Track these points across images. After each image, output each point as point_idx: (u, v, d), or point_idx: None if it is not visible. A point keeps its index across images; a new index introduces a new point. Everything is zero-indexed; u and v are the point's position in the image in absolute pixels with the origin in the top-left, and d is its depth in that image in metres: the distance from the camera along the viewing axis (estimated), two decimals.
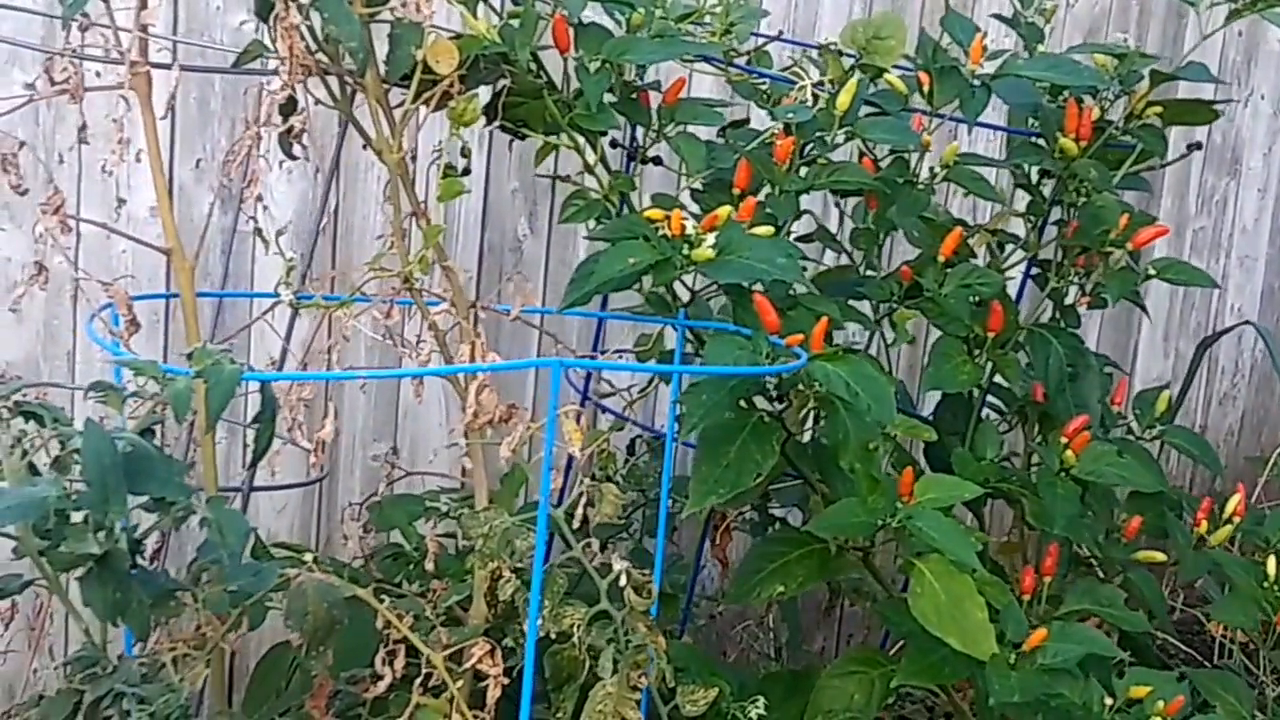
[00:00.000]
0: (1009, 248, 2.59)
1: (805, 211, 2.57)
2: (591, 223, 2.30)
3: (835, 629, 3.57)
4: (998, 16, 2.66)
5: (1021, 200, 2.57)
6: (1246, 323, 4.14)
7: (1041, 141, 2.48)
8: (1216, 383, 4.31)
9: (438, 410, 3.00)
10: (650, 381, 2.73)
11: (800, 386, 2.15)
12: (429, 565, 2.28)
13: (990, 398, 2.61)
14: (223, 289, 2.71)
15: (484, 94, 2.22)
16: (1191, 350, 4.21)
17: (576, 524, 2.08)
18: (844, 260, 2.62)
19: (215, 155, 2.72)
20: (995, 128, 3.19)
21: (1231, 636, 3.37)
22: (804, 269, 2.65)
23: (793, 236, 2.55)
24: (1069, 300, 2.58)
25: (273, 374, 2.32)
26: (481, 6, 2.17)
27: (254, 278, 2.79)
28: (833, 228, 2.77)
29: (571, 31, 2.20)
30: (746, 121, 2.65)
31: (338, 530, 2.78)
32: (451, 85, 2.10)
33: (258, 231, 2.21)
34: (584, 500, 2.08)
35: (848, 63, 2.50)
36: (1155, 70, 2.40)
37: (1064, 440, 2.37)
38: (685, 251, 2.12)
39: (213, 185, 2.71)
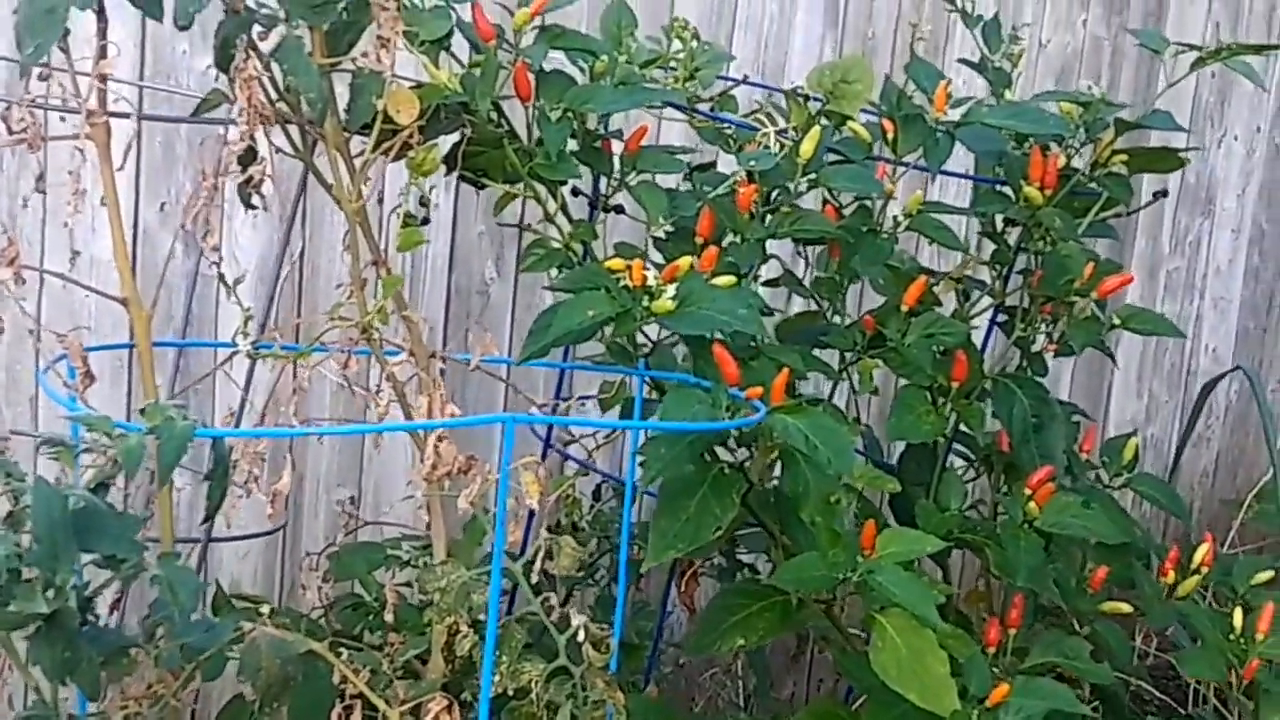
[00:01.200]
0: (976, 295, 2.58)
1: (772, 256, 2.57)
2: (555, 271, 2.29)
3: (805, 675, 3.56)
4: (965, 61, 2.66)
5: (989, 248, 2.56)
6: (1237, 368, 4.12)
7: (1008, 190, 2.47)
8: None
9: (403, 455, 2.99)
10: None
11: (762, 438, 2.14)
12: (388, 617, 2.26)
13: (959, 446, 2.60)
14: (185, 335, 2.70)
15: (445, 142, 2.21)
16: (1165, 392, 4.21)
17: (535, 577, 2.06)
18: (811, 307, 2.61)
19: (180, 198, 2.72)
20: (960, 175, 3.19)
21: (1206, 683, 3.35)
22: (771, 314, 2.67)
23: (759, 282, 2.54)
24: (1036, 348, 2.57)
25: (225, 430, 2.30)
26: (443, 55, 2.16)
27: (219, 323, 2.77)
28: (801, 272, 2.77)
29: (533, 80, 2.19)
30: (714, 165, 2.64)
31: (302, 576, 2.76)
32: (411, 135, 2.09)
33: (221, 279, 2.20)
34: (542, 553, 2.06)
35: (815, 107, 2.49)
36: (1120, 119, 2.39)
37: (1028, 491, 2.36)
38: (645, 303, 2.10)
39: (176, 229, 2.69)
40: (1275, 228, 4.37)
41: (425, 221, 2.21)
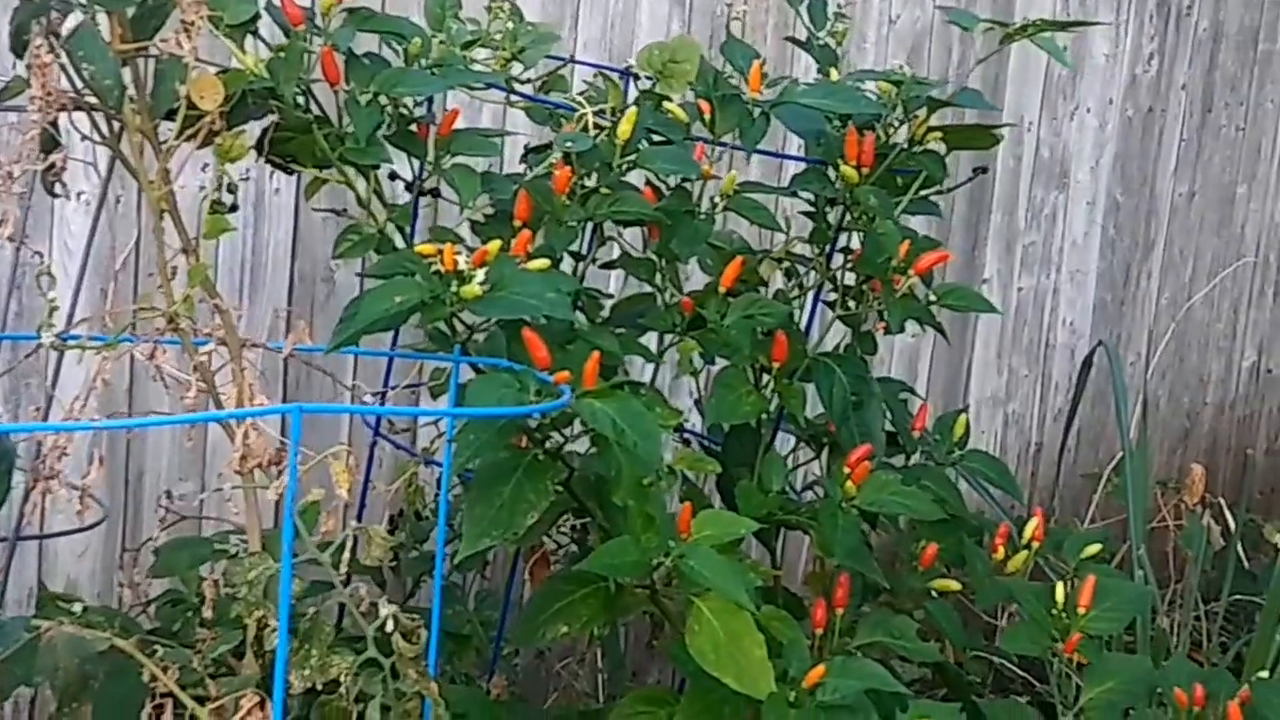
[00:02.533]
0: (804, 272, 2.58)
1: (610, 238, 2.55)
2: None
3: (669, 662, 3.54)
4: (792, 39, 2.65)
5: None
6: (1100, 344, 4.15)
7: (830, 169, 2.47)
8: (1051, 399, 4.33)
9: None
10: None
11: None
12: (207, 612, 2.22)
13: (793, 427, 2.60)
14: (5, 328, 2.64)
15: (256, 128, 2.18)
16: (1024, 366, 4.24)
17: (345, 567, 2.04)
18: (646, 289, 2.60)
19: None
20: (772, 154, 3.19)
21: None
22: (610, 297, 2.66)
23: (597, 264, 2.53)
24: (868, 326, 2.57)
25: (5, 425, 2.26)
26: (251, 40, 2.12)
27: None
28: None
29: (342, 63, 2.16)
30: (549, 146, 2.63)
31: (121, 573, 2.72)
32: (215, 121, 2.06)
33: (46, 271, 2.15)
34: (351, 543, 2.04)
35: (645, 85, 2.48)
36: (931, 97, 2.40)
37: (846, 470, 2.36)
38: (455, 288, 2.07)
39: None
40: (1130, 199, 4.41)
41: (234, 208, 2.17)
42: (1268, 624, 3.36)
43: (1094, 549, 2.58)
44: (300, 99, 2.14)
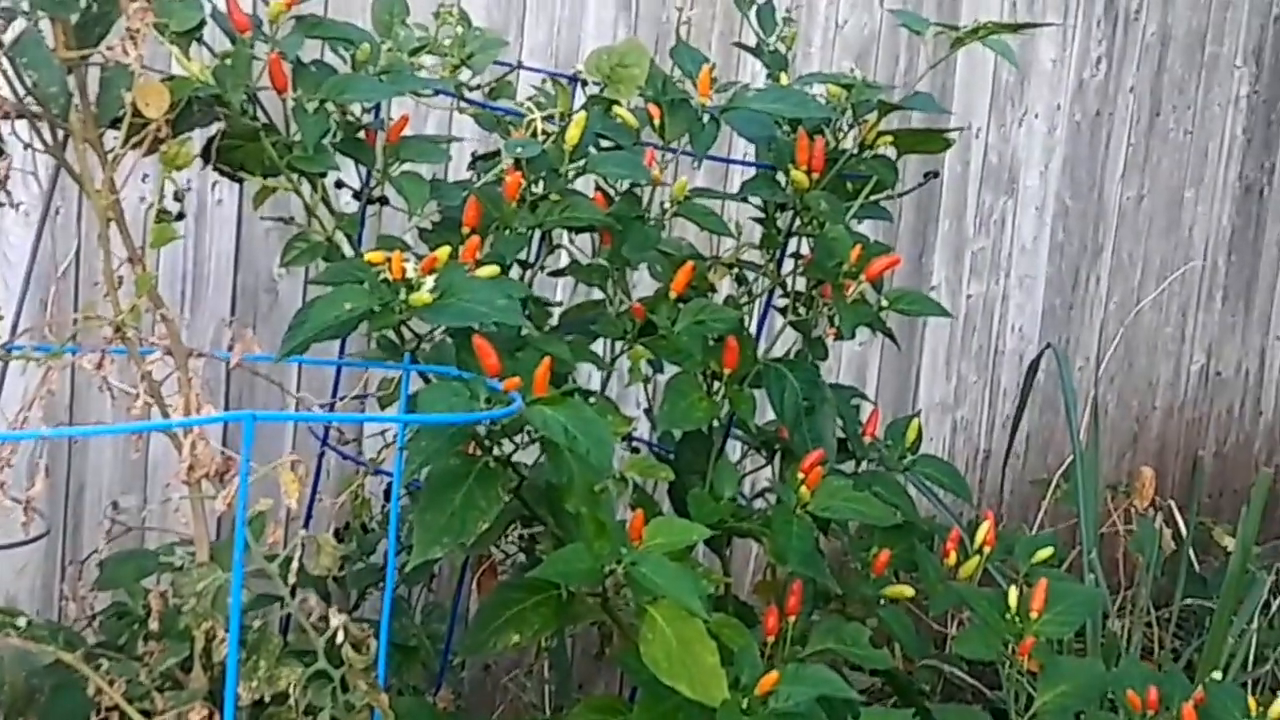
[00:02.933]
0: (754, 278, 2.58)
1: (558, 246, 2.54)
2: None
3: (618, 672, 3.53)
4: (740, 45, 2.64)
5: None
6: (1048, 346, 4.16)
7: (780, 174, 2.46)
8: (1000, 405, 4.34)
9: None
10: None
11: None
12: (153, 625, 2.20)
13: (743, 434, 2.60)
14: None
15: (202, 136, 2.16)
16: (973, 373, 4.25)
17: (293, 577, 2.02)
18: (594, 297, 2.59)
19: None
20: (725, 160, 3.19)
21: None
22: (559, 304, 2.64)
23: (545, 271, 2.51)
24: (819, 332, 2.56)
25: None
26: (196, 47, 2.10)
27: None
28: None
29: (290, 70, 2.14)
30: (498, 153, 2.61)
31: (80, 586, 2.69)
32: (160, 129, 2.04)
33: None
34: (299, 553, 2.02)
35: (593, 91, 2.47)
36: (882, 101, 2.39)
37: (799, 476, 2.35)
38: (404, 296, 2.06)
39: None
40: (1078, 204, 4.42)
41: (180, 217, 2.15)
42: (1219, 627, 3.38)
43: (1045, 553, 2.59)
44: (247, 106, 2.12)
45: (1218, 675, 2.82)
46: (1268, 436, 5.32)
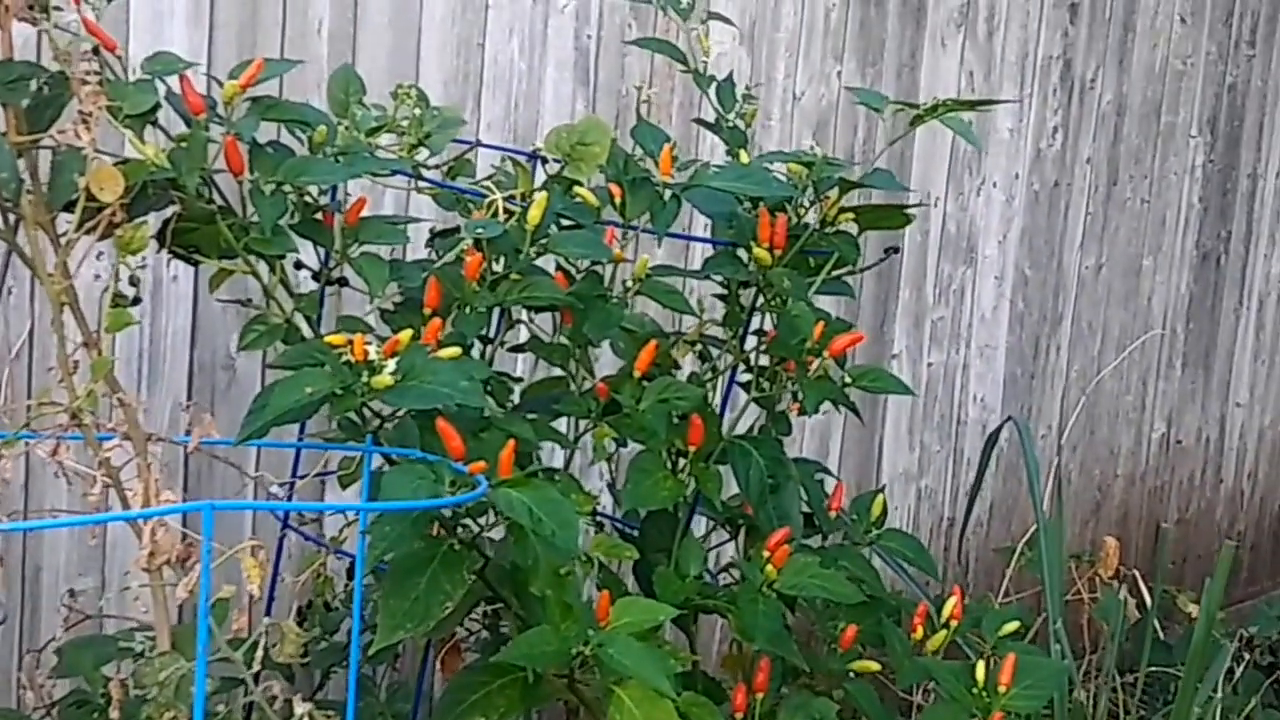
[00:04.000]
0: (717, 354, 2.57)
1: (519, 321, 2.53)
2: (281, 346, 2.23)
3: None
4: (700, 121, 2.65)
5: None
6: (1009, 419, 4.17)
7: (742, 251, 2.46)
8: (964, 474, 4.33)
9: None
10: None
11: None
12: (114, 714, 2.17)
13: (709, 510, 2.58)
14: None
15: (158, 219, 2.15)
16: (936, 442, 4.25)
17: (257, 665, 2.00)
18: (555, 372, 2.58)
19: None
20: (688, 238, 3.19)
21: None
22: (519, 381, 2.63)
23: (506, 348, 2.50)
24: (782, 407, 2.56)
25: None
26: (151, 130, 2.09)
27: None
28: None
29: (246, 152, 2.13)
30: (456, 230, 2.60)
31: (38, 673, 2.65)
32: (115, 213, 2.02)
33: None
34: (264, 640, 2.00)
35: (554, 168, 2.47)
36: (843, 178, 2.40)
37: (766, 553, 2.34)
38: (366, 378, 2.05)
39: None
40: (1037, 273, 4.44)
41: (136, 301, 2.14)
42: (1186, 694, 3.37)
43: (1012, 626, 2.58)
44: (203, 189, 2.11)
45: None
46: (1229, 504, 5.34)
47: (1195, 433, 5.14)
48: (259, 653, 2.00)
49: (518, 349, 2.59)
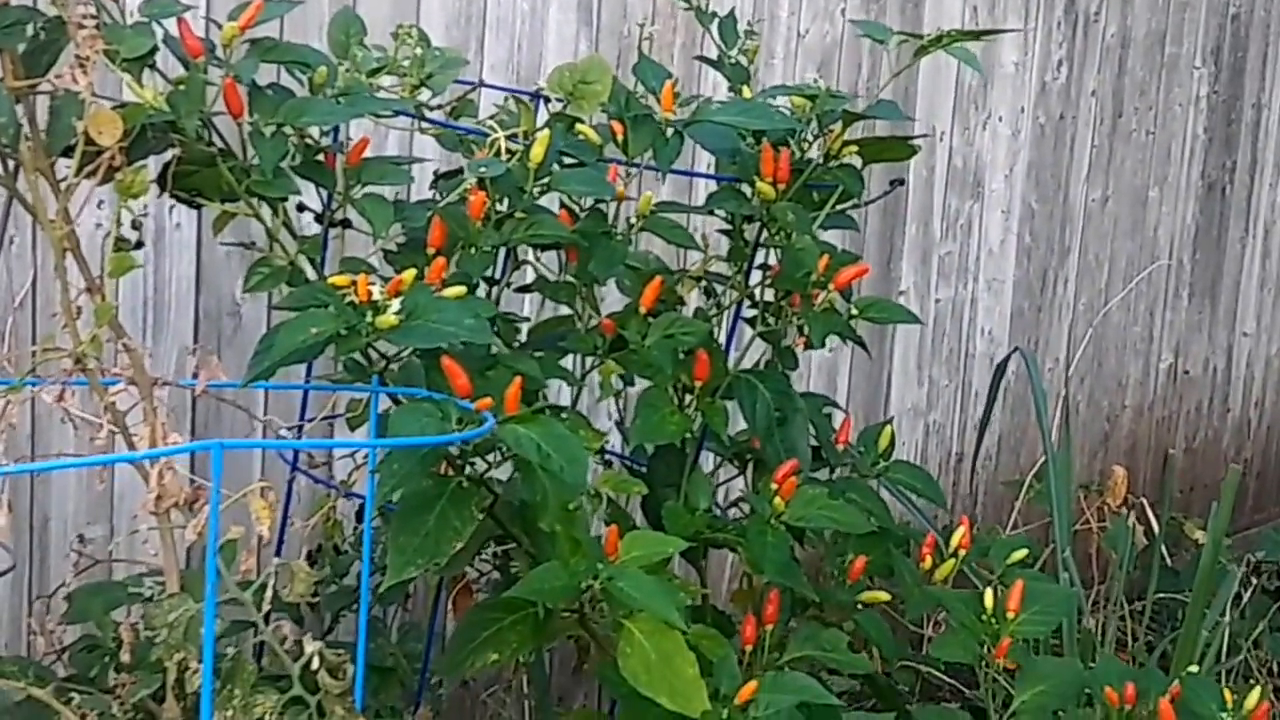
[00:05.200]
0: (722, 290, 2.57)
1: (524, 262, 2.53)
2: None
3: (596, 686, 3.51)
4: (702, 58, 2.64)
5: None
6: (1016, 350, 4.17)
7: (746, 186, 2.46)
8: (972, 408, 4.33)
9: None
10: None
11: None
12: (125, 657, 2.18)
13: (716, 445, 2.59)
14: None
15: (157, 163, 2.14)
16: (944, 376, 4.25)
17: (267, 604, 2.01)
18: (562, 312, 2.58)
19: None
20: (690, 174, 3.18)
21: None
22: (527, 320, 2.63)
23: (512, 288, 2.50)
24: (788, 341, 2.56)
25: None
26: (149, 73, 2.08)
27: None
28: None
29: (245, 94, 2.12)
30: (459, 172, 2.60)
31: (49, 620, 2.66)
32: (114, 157, 2.02)
33: None
34: (273, 581, 2.01)
35: (556, 108, 2.46)
36: (847, 111, 2.39)
37: (774, 486, 2.35)
38: (371, 318, 2.05)
39: None
40: (1044, 206, 4.43)
41: (138, 245, 2.14)
42: (1194, 620, 3.38)
43: (1020, 554, 2.59)
44: (203, 132, 2.10)
45: (1194, 668, 2.83)
46: (1236, 432, 5.34)
47: (1202, 362, 5.14)
48: (268, 593, 2.01)
49: (524, 289, 2.59)
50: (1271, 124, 5.17)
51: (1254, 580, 4.48)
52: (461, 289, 2.15)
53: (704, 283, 2.56)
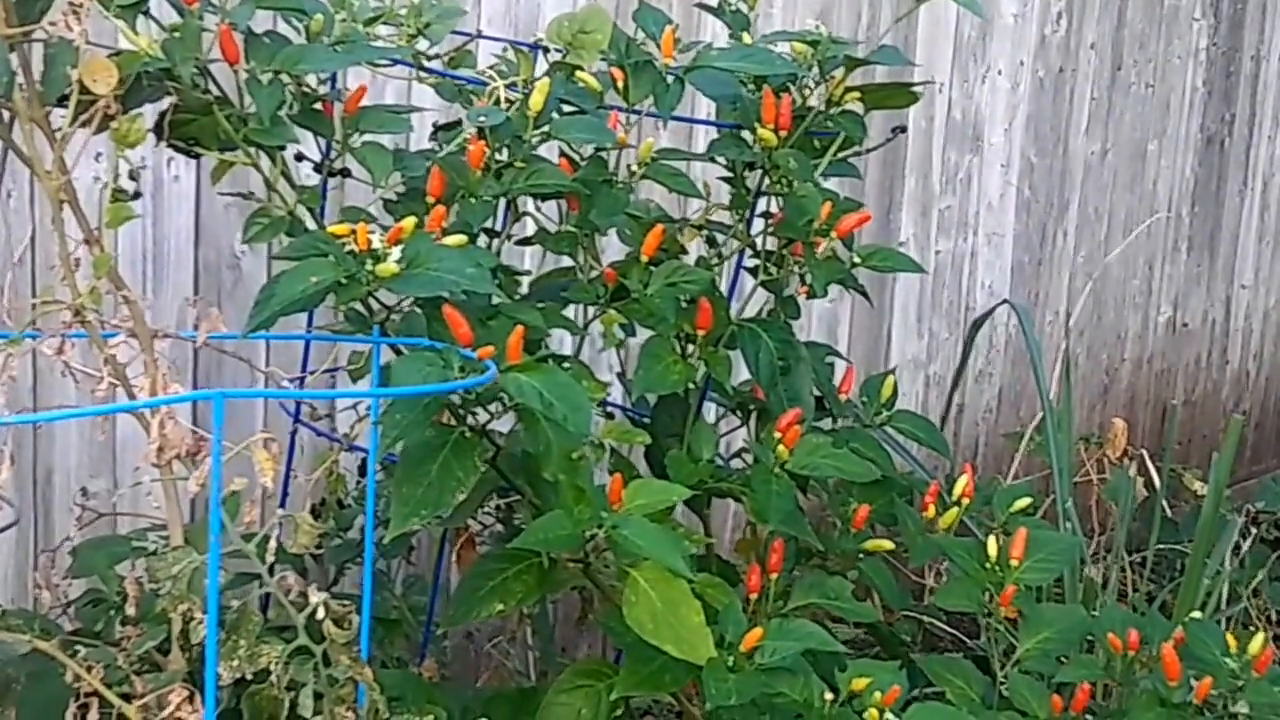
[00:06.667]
0: (724, 240, 2.55)
1: (524, 214, 2.51)
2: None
3: (600, 636, 3.51)
4: (702, 5, 2.62)
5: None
6: (1004, 301, 4.17)
7: (747, 133, 2.44)
8: (972, 360, 4.33)
9: None
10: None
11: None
12: (130, 610, 2.17)
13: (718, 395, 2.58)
14: None
15: (154, 112, 2.12)
16: (945, 329, 4.24)
17: (271, 556, 2.00)
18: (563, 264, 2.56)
19: None
20: (691, 121, 3.16)
21: None
22: (528, 273, 2.62)
23: (512, 240, 2.49)
24: (790, 290, 2.54)
25: None
26: (143, 20, 2.06)
27: None
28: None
29: (242, 42, 2.10)
30: (459, 123, 2.58)
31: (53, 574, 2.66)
32: (109, 106, 2.00)
33: None
34: (277, 533, 2.00)
35: (556, 58, 2.45)
36: (848, 56, 2.37)
37: (777, 435, 2.34)
38: (371, 267, 2.03)
39: None
40: (1043, 160, 4.42)
41: (136, 196, 2.12)
42: (1195, 569, 3.38)
43: (1023, 503, 2.58)
44: (199, 80, 2.08)
45: (1197, 615, 2.82)
46: (1235, 384, 5.34)
47: (1201, 315, 5.13)
48: (272, 544, 2.00)
49: (525, 242, 2.57)
50: (1270, 76, 5.15)
51: (1252, 530, 4.49)
52: (462, 238, 2.14)
53: (705, 231, 2.55)
